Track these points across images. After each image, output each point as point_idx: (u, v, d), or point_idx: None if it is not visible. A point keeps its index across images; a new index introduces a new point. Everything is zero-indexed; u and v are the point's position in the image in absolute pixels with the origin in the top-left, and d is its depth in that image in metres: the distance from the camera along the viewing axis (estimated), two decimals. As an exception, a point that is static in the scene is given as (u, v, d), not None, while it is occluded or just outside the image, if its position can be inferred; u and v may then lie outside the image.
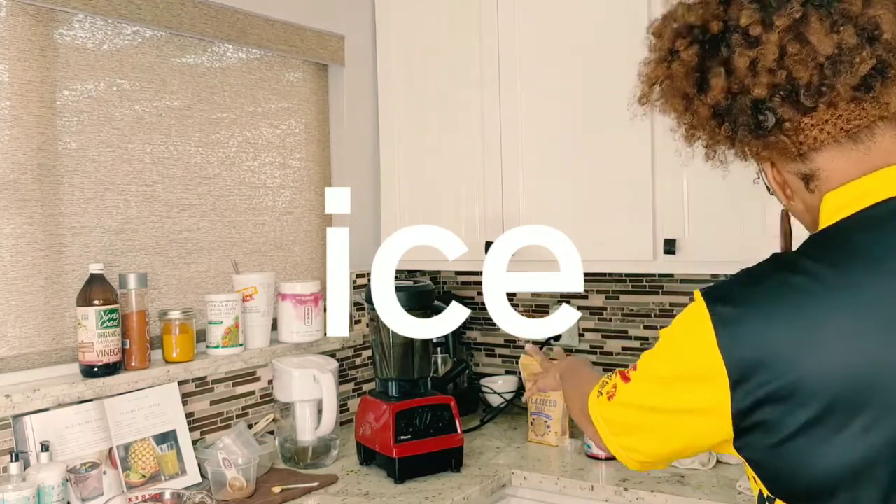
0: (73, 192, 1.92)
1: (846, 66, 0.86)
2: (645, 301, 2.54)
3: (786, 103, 0.90)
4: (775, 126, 0.91)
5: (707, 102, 0.94)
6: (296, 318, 2.28)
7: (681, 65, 0.96)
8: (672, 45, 0.97)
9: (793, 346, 0.84)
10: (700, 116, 0.97)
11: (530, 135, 2.36)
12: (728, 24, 0.92)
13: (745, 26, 0.89)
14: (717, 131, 0.96)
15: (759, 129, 0.92)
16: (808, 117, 0.90)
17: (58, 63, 1.90)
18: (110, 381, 1.84)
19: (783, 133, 0.91)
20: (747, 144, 0.95)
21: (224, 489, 1.83)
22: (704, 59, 0.94)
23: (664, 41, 0.99)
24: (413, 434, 1.98)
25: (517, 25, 2.36)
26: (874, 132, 0.90)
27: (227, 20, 2.20)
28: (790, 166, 0.96)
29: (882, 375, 0.82)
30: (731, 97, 0.93)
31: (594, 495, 1.92)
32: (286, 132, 2.47)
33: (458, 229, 2.52)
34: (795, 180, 0.97)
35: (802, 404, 0.83)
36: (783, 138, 0.91)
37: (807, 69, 0.87)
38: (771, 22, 0.88)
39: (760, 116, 0.91)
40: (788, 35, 0.88)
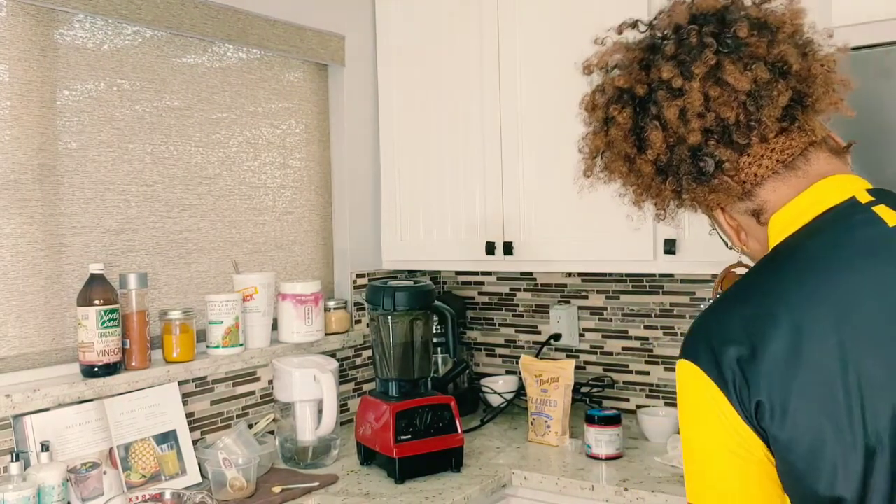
0: (73, 192, 1.92)
1: (766, 100, 0.94)
2: (645, 301, 2.54)
3: (721, 145, 0.96)
4: (716, 169, 0.96)
5: (649, 159, 1.00)
6: (296, 318, 2.28)
7: (618, 128, 1.02)
8: (607, 112, 1.03)
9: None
10: (644, 175, 1.02)
11: (531, 134, 2.36)
12: (651, 85, 0.98)
13: (667, 80, 0.96)
14: (662, 187, 1.02)
15: (702, 174, 0.97)
16: (745, 156, 0.96)
17: (58, 63, 1.90)
18: (110, 381, 1.84)
19: (725, 174, 0.97)
20: (694, 192, 1.00)
21: (224, 489, 1.83)
22: (638, 120, 1.00)
23: (598, 111, 1.05)
24: (413, 434, 1.98)
25: (517, 25, 2.36)
26: (808, 157, 0.97)
27: (227, 20, 2.20)
28: (739, 206, 1.01)
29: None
30: (670, 150, 0.98)
31: (594, 495, 1.92)
32: (286, 132, 2.47)
33: (458, 229, 2.52)
34: (747, 219, 1.02)
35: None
36: (726, 178, 0.97)
37: (732, 108, 0.94)
38: (690, 72, 0.95)
39: (700, 163, 0.97)
40: (708, 80, 0.95)
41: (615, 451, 2.09)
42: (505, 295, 2.84)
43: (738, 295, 0.93)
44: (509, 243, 2.39)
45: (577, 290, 2.67)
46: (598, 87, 1.06)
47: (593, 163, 1.10)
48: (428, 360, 2.16)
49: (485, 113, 2.44)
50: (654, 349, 2.53)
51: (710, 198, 1.00)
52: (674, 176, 1.00)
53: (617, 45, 1.06)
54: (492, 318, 2.88)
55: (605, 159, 1.08)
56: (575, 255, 2.30)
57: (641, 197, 1.07)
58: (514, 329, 2.82)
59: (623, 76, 1.01)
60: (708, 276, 2.42)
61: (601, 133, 1.05)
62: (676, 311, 2.49)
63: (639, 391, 2.56)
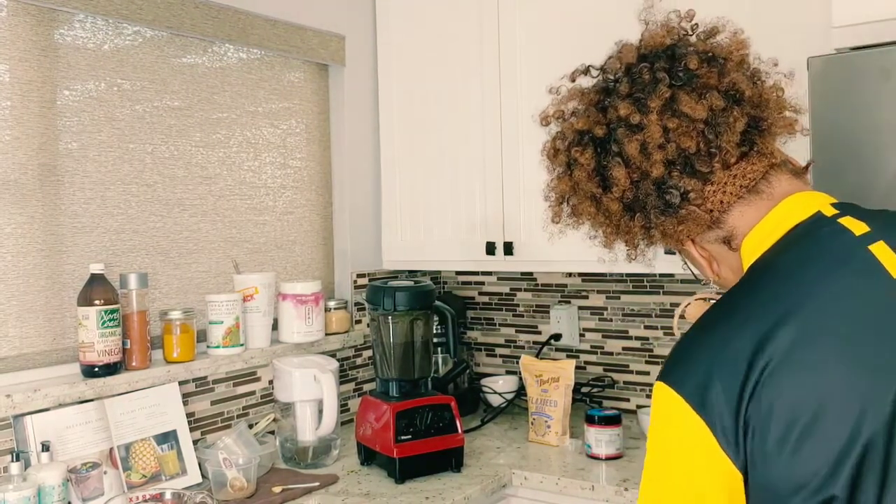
0: (73, 192, 1.92)
1: (724, 127, 0.96)
2: (646, 301, 2.54)
3: (684, 175, 0.97)
4: (682, 200, 0.98)
5: (615, 197, 1.01)
6: (296, 318, 2.28)
7: (581, 169, 1.03)
8: (569, 156, 1.05)
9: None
10: (612, 213, 1.03)
11: (531, 134, 2.36)
12: (610, 125, 1.01)
13: (625, 117, 0.98)
14: (631, 224, 1.03)
15: (669, 207, 0.99)
16: (709, 184, 0.98)
17: (59, 63, 1.90)
18: (111, 380, 1.84)
19: (692, 204, 0.98)
20: (663, 226, 1.01)
21: (225, 489, 1.83)
22: (600, 159, 1.02)
23: (560, 156, 1.07)
24: (413, 434, 1.98)
25: (518, 25, 2.36)
26: (770, 180, 0.99)
27: (227, 20, 2.20)
28: (709, 235, 1.02)
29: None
30: (635, 186, 1.00)
31: (595, 495, 1.92)
32: (287, 132, 2.47)
33: (459, 229, 2.52)
34: (718, 247, 1.03)
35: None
36: (693, 208, 0.98)
37: (691, 138, 0.96)
38: (646, 107, 0.97)
39: (666, 195, 0.98)
40: (665, 113, 0.97)
41: (615, 451, 2.09)
42: (505, 295, 2.84)
43: (718, 318, 0.92)
44: (510, 243, 2.39)
45: (578, 290, 2.67)
46: (558, 134, 1.08)
47: (560, 209, 1.11)
48: (428, 360, 2.16)
49: (485, 113, 2.44)
50: (654, 349, 2.53)
51: (679, 229, 1.01)
52: (641, 212, 1.01)
53: (572, 92, 1.08)
54: (492, 318, 2.88)
55: (571, 203, 1.09)
56: (575, 255, 2.30)
57: (611, 237, 1.08)
58: (515, 329, 2.82)
59: (581, 119, 1.04)
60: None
61: (565, 177, 1.07)
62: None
63: (639, 391, 2.56)
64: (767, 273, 0.93)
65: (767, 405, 0.83)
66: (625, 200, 1.01)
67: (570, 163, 1.05)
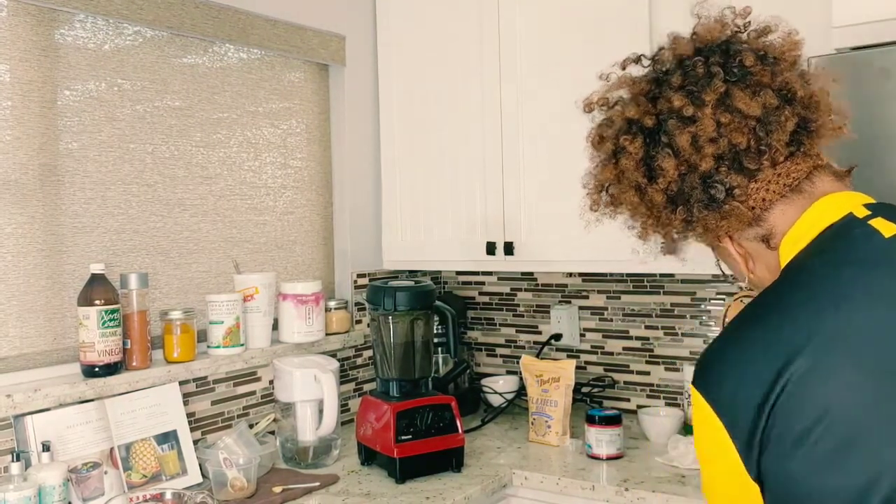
0: (74, 192, 1.92)
1: (775, 125, 0.97)
2: (646, 301, 2.54)
3: (731, 171, 0.98)
4: (727, 196, 0.98)
5: (660, 188, 1.01)
6: (297, 318, 2.28)
7: (629, 158, 1.03)
8: (616, 143, 1.05)
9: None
10: (655, 204, 1.03)
11: (531, 134, 2.36)
12: (660, 115, 1.01)
13: (678, 108, 0.99)
14: (672, 217, 1.03)
15: (713, 201, 0.99)
16: (754, 182, 0.98)
17: (59, 63, 1.90)
18: (111, 380, 1.84)
19: (735, 200, 0.99)
20: (705, 220, 1.01)
21: (225, 489, 1.83)
22: (649, 149, 1.02)
23: (607, 144, 1.07)
24: (414, 434, 1.98)
25: (518, 25, 2.36)
26: (813, 180, 1.00)
27: (228, 20, 2.21)
28: (748, 233, 1.02)
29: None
30: (681, 178, 1.00)
31: (595, 495, 1.92)
32: (287, 132, 2.47)
33: (459, 229, 2.52)
34: (756, 245, 1.03)
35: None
36: (736, 204, 0.99)
37: (743, 134, 0.97)
38: (701, 100, 0.98)
39: (711, 190, 0.99)
40: (719, 108, 0.97)
41: (616, 451, 2.09)
42: (506, 295, 2.84)
43: (750, 321, 0.92)
44: (510, 243, 2.39)
45: (578, 290, 2.67)
46: (605, 121, 1.08)
47: (599, 197, 1.12)
48: (429, 360, 2.16)
49: (485, 113, 2.44)
50: (654, 349, 2.53)
51: (720, 225, 1.01)
52: (684, 205, 1.01)
53: (622, 80, 1.08)
54: (492, 318, 2.88)
55: (611, 192, 1.09)
56: (575, 255, 2.30)
57: (649, 229, 1.08)
58: (515, 329, 2.82)
59: (632, 107, 1.03)
60: (708, 276, 2.42)
61: (610, 165, 1.06)
62: (677, 311, 2.49)
63: (639, 391, 2.56)
64: (799, 277, 0.93)
65: (792, 415, 0.83)
66: (669, 192, 1.01)
67: (616, 151, 1.05)
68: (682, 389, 2.39)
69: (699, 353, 2.50)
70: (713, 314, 2.43)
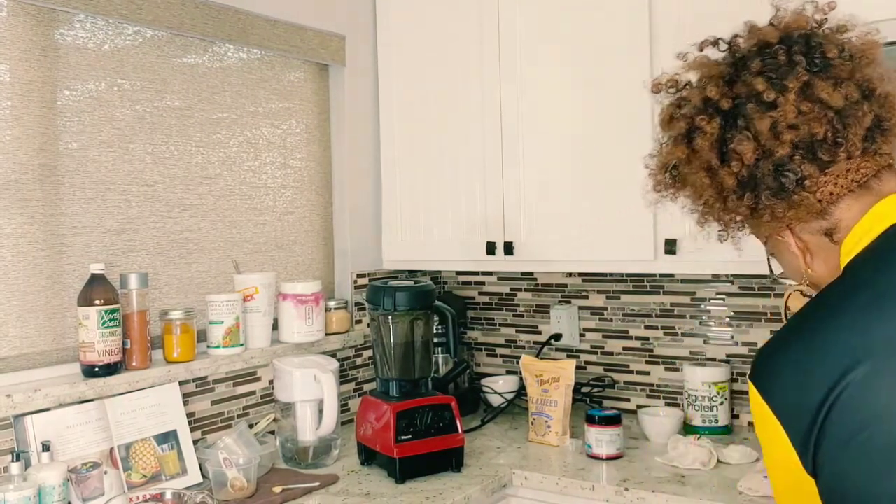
0: (74, 192, 1.92)
1: (853, 119, 0.97)
2: (646, 301, 2.54)
3: (805, 161, 0.98)
4: (797, 186, 0.98)
5: (733, 171, 1.01)
6: (297, 318, 2.28)
7: (705, 138, 1.02)
8: (692, 122, 1.04)
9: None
10: (725, 187, 1.02)
11: (531, 134, 2.36)
12: (737, 99, 1.01)
13: (760, 92, 0.98)
14: (738, 203, 1.03)
15: (782, 190, 0.99)
16: (824, 174, 0.98)
17: (59, 63, 1.90)
18: (111, 380, 1.84)
19: (805, 190, 0.98)
20: (773, 208, 1.00)
21: (225, 489, 1.83)
22: (725, 131, 1.01)
23: (679, 123, 1.06)
24: (414, 434, 1.98)
25: (518, 25, 2.36)
26: (881, 178, 1.00)
27: (228, 20, 2.21)
28: (811, 225, 1.02)
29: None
30: (755, 163, 0.99)
31: (595, 495, 1.92)
32: (287, 132, 2.47)
33: (459, 229, 2.52)
34: (818, 238, 1.02)
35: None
36: (806, 195, 0.98)
37: (821, 124, 0.97)
38: (783, 86, 0.98)
39: (782, 178, 0.98)
40: (801, 96, 0.97)
41: (616, 451, 2.09)
42: (505, 295, 2.84)
43: (812, 322, 0.93)
44: (510, 243, 2.39)
45: (578, 290, 2.67)
46: (678, 101, 1.08)
47: (663, 177, 1.10)
48: (428, 360, 2.16)
49: (485, 113, 2.44)
50: (654, 349, 2.53)
51: (788, 214, 1.01)
52: (752, 191, 1.01)
53: (699, 60, 1.08)
54: (492, 318, 2.88)
55: (681, 172, 1.08)
56: (575, 255, 2.30)
57: (711, 214, 1.08)
58: (515, 329, 2.82)
59: (711, 87, 1.03)
60: (708, 276, 2.42)
61: (682, 144, 1.05)
62: (677, 311, 2.49)
63: (639, 391, 2.56)
64: (862, 278, 0.94)
65: (846, 418, 0.84)
66: (740, 176, 1.01)
67: (691, 130, 1.04)
68: (681, 389, 2.39)
69: (699, 352, 2.52)
70: (713, 314, 2.43)
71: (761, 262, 2.13)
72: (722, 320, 2.42)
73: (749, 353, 2.37)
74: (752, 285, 2.36)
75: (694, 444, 2.04)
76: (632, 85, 2.15)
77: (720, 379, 2.29)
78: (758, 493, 1.79)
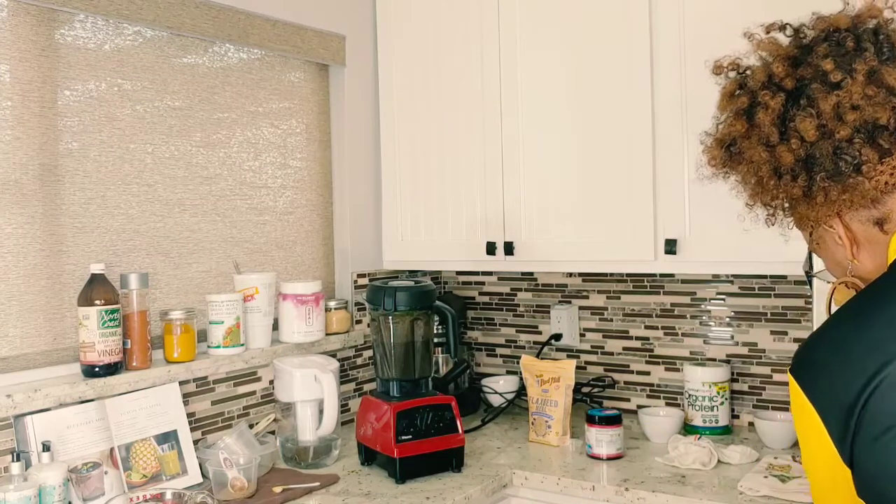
0: (74, 192, 1.92)
1: None
2: (646, 301, 2.54)
3: (865, 145, 0.97)
4: (854, 170, 0.98)
5: (792, 148, 1.00)
6: (297, 318, 2.28)
7: (767, 113, 1.02)
8: (754, 97, 1.04)
9: None
10: (782, 164, 1.02)
11: (532, 134, 2.36)
12: (801, 79, 1.01)
13: (827, 72, 0.99)
14: (792, 184, 1.02)
15: (838, 173, 0.98)
16: (881, 163, 0.97)
17: (59, 63, 1.90)
18: (111, 380, 1.84)
19: (862, 175, 0.98)
20: (826, 190, 1.00)
21: (225, 489, 1.83)
22: (788, 108, 1.01)
23: (741, 98, 1.06)
24: (414, 434, 1.98)
25: (518, 24, 2.36)
26: None
27: (228, 20, 2.20)
28: (861, 214, 1.02)
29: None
30: (815, 143, 0.99)
31: (595, 495, 1.92)
32: (287, 132, 2.47)
33: (459, 229, 2.52)
34: (867, 228, 1.02)
35: None
36: (861, 180, 0.98)
37: (885, 111, 0.96)
38: (851, 68, 0.98)
39: (840, 161, 0.98)
40: (868, 79, 0.97)
41: (616, 452, 2.09)
42: (506, 295, 2.84)
43: (857, 319, 0.93)
44: (510, 243, 2.39)
45: (578, 290, 2.67)
46: (742, 77, 1.08)
47: (720, 153, 1.10)
48: (429, 360, 2.16)
49: (486, 112, 2.44)
50: (654, 349, 2.53)
51: (842, 198, 1.00)
52: (808, 171, 1.00)
53: (766, 42, 1.08)
54: (492, 318, 2.88)
55: (735, 148, 1.08)
56: (576, 255, 2.30)
57: (763, 195, 1.08)
58: (515, 329, 2.82)
59: (778, 64, 1.03)
60: (709, 276, 2.42)
61: (742, 119, 1.05)
62: (677, 311, 2.49)
63: (639, 391, 2.56)
64: None
65: (879, 412, 0.86)
66: (797, 155, 1.01)
67: (753, 104, 1.05)
68: (682, 389, 2.39)
69: (699, 352, 2.52)
70: (713, 314, 2.43)
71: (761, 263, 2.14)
72: (722, 320, 2.42)
73: (749, 353, 2.37)
74: (753, 285, 2.36)
75: (694, 444, 2.04)
76: (632, 85, 2.15)
77: (720, 379, 2.29)
78: (758, 493, 1.79)
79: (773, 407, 2.32)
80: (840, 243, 1.05)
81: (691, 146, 2.08)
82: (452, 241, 2.53)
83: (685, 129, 2.08)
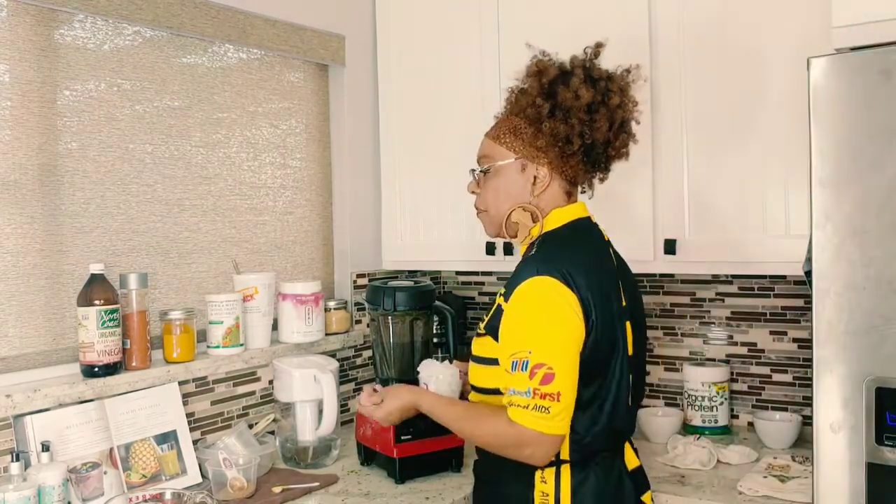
0: (73, 192, 1.92)
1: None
2: (646, 301, 2.54)
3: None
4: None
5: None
6: (296, 318, 2.28)
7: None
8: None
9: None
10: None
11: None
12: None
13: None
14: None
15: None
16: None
17: (59, 63, 1.90)
18: (111, 381, 1.84)
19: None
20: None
21: (224, 489, 1.83)
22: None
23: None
24: (414, 434, 1.97)
25: (518, 24, 2.36)
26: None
27: (227, 20, 2.20)
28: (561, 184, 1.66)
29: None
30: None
31: (595, 495, 1.92)
32: (287, 132, 2.47)
33: (459, 229, 2.52)
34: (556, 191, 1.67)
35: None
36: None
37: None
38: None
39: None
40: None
41: (615, 451, 2.08)
42: (505, 295, 2.83)
43: (562, 248, 1.55)
44: (509, 243, 2.39)
45: (578, 290, 2.67)
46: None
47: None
48: (428, 360, 2.16)
49: (485, 112, 2.43)
50: (654, 349, 2.53)
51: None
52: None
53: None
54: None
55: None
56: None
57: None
58: (515, 329, 2.81)
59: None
60: (708, 276, 2.42)
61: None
62: (677, 311, 2.49)
63: (639, 391, 2.56)
64: (579, 236, 1.64)
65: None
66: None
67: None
68: (681, 389, 2.39)
69: (699, 352, 2.51)
70: (713, 314, 2.43)
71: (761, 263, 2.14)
72: (722, 320, 2.42)
73: (748, 353, 2.37)
74: (752, 285, 2.36)
75: (694, 444, 2.04)
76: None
77: (720, 379, 2.29)
78: (757, 493, 1.79)
79: (772, 407, 2.32)
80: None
81: (691, 144, 2.08)
82: (452, 241, 2.53)
83: (685, 128, 2.08)
